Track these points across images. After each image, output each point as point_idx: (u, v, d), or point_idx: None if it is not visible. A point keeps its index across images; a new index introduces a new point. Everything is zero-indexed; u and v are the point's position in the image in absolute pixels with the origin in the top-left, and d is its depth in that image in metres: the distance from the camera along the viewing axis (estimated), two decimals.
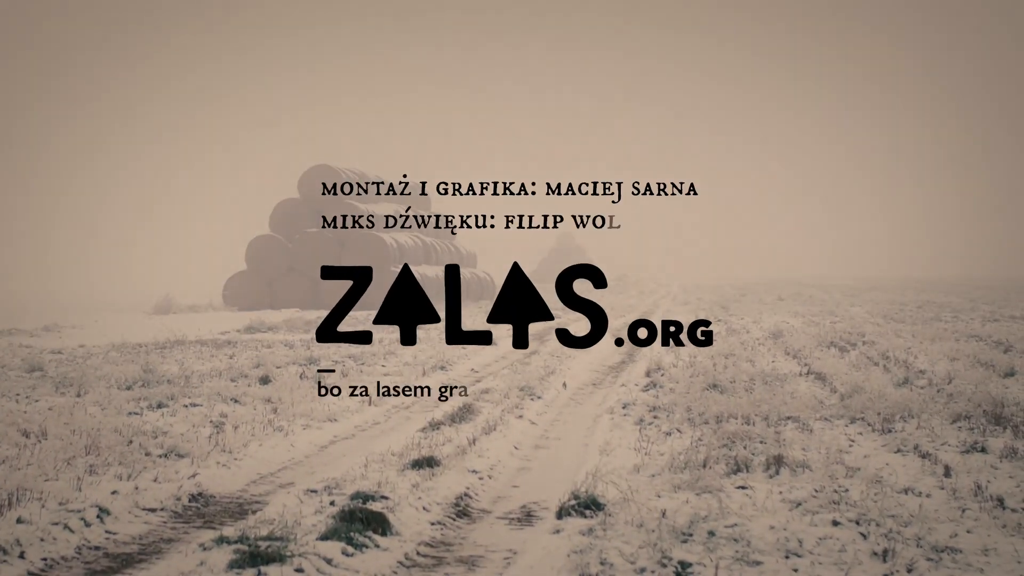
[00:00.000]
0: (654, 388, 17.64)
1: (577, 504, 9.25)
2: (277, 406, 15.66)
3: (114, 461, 11.51)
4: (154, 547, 8.97)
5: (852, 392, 15.92)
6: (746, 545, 8.06)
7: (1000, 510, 9.14)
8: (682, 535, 8.29)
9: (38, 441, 12.52)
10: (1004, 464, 11.12)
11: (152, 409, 15.47)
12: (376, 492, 9.83)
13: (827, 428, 13.57)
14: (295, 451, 13.14)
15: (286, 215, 55.00)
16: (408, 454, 11.81)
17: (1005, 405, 14.41)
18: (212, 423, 14.22)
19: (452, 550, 8.80)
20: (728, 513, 8.90)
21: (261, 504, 10.39)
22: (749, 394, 15.98)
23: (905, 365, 20.30)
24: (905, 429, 13.28)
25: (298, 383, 18.11)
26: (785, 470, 10.65)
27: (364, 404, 16.54)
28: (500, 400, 16.38)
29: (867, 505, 9.16)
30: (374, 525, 8.81)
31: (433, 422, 14.21)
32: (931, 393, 16.01)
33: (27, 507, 9.43)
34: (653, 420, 14.37)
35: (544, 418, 15.61)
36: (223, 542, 8.25)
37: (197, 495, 10.64)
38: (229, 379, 18.93)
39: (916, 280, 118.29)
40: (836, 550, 7.97)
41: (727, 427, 13.12)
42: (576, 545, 8.18)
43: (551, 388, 18.35)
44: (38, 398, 16.64)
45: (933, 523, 8.67)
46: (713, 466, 10.84)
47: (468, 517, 9.90)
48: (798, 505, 9.25)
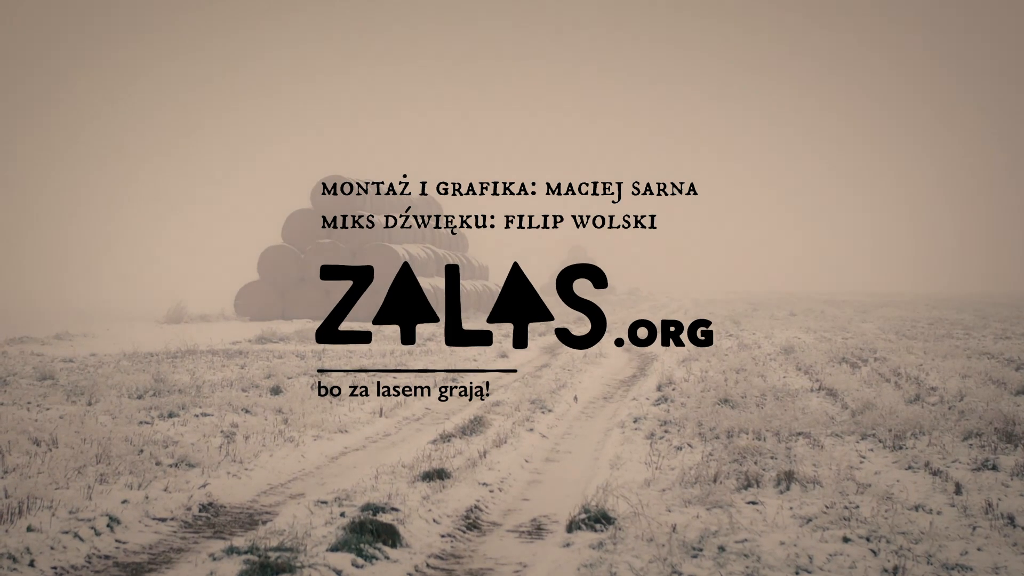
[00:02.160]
0: (665, 402, 17.62)
1: (587, 518, 9.25)
2: (288, 416, 15.68)
3: (124, 470, 11.53)
4: (164, 557, 8.99)
5: (863, 408, 15.89)
6: (756, 561, 8.06)
7: (1011, 528, 9.12)
8: (692, 550, 8.29)
9: (49, 449, 12.55)
10: (1015, 482, 11.09)
11: (163, 418, 15.50)
12: (386, 504, 9.83)
13: (838, 444, 13.55)
14: (306, 462, 13.16)
15: (298, 226, 55.16)
16: (419, 466, 11.82)
17: (1016, 423, 14.37)
18: (223, 433, 14.24)
19: (462, 563, 8.80)
20: (738, 528, 8.89)
21: (271, 515, 10.40)
22: (760, 409, 15.97)
23: (916, 382, 20.25)
24: (916, 446, 13.25)
25: (309, 394, 18.13)
26: (796, 486, 10.64)
27: (375, 416, 16.55)
28: (511, 413, 16.38)
29: (878, 522, 9.14)
30: (384, 537, 8.82)
31: (444, 434, 14.21)
32: (942, 410, 15.97)
33: (37, 515, 9.46)
34: (664, 434, 14.35)
35: (555, 431, 15.60)
36: (233, 552, 8.27)
37: (207, 505, 10.65)
38: (240, 389, 18.96)
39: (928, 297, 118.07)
40: (846, 567, 7.96)
41: (738, 442, 13.11)
42: (586, 559, 8.18)
43: (562, 401, 18.34)
44: (49, 406, 16.68)
45: (944, 540, 8.65)
46: (724, 481, 10.83)
47: (478, 530, 9.90)
48: (809, 521, 9.24)
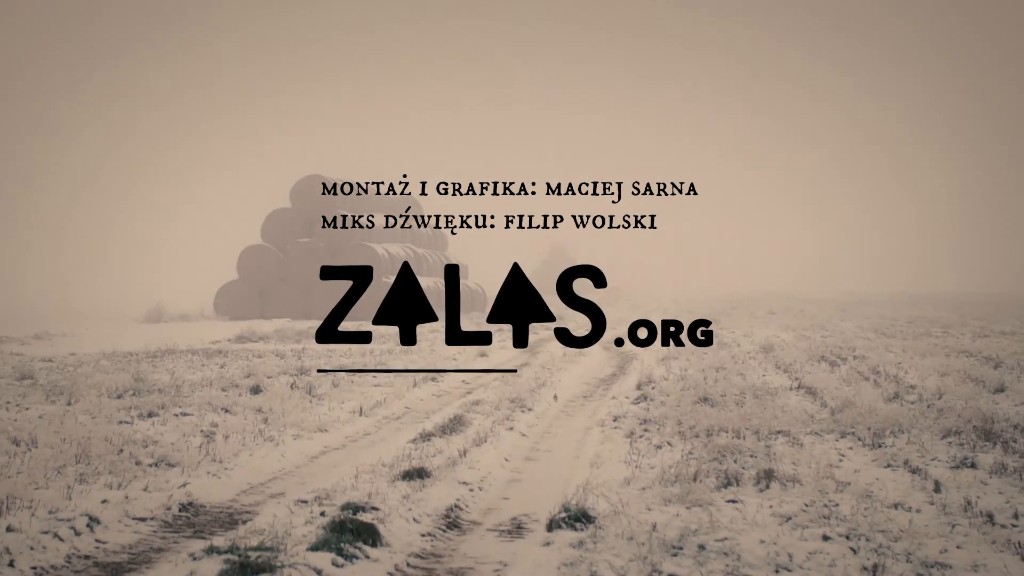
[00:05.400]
0: (645, 401, 17.65)
1: (567, 517, 9.25)
2: (268, 416, 15.65)
3: (104, 470, 11.49)
4: (144, 557, 8.96)
5: (842, 407, 15.94)
6: (736, 559, 8.08)
7: (990, 526, 9.16)
8: (672, 549, 8.30)
9: (28, 449, 12.50)
10: (994, 480, 11.14)
11: (143, 418, 15.45)
12: (366, 503, 9.82)
13: (817, 442, 13.59)
14: (285, 461, 13.13)
15: (278, 225, 55.10)
16: (399, 465, 11.81)
17: (995, 421, 14.44)
18: (203, 433, 14.20)
19: (442, 562, 8.80)
20: (718, 527, 8.91)
21: (251, 514, 10.38)
22: (740, 408, 16.00)
23: (895, 380, 20.33)
24: (895, 444, 13.30)
25: (289, 393, 18.11)
26: (775, 484, 10.66)
27: (355, 415, 16.53)
28: (491, 412, 16.38)
29: (857, 520, 9.18)
30: (364, 536, 8.81)
31: (424, 433, 14.20)
32: (921, 408, 16.04)
33: (17, 515, 9.42)
34: (644, 433, 14.37)
35: (535, 430, 15.61)
36: (213, 552, 8.25)
37: (187, 505, 10.62)
38: (220, 388, 18.91)
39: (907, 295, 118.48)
40: (826, 565, 7.98)
41: (718, 441, 13.14)
42: (566, 558, 8.18)
43: (542, 400, 18.35)
44: (28, 406, 16.61)
45: (923, 538, 8.68)
46: (703, 480, 10.85)
47: (458, 529, 9.90)
48: (788, 519, 9.27)
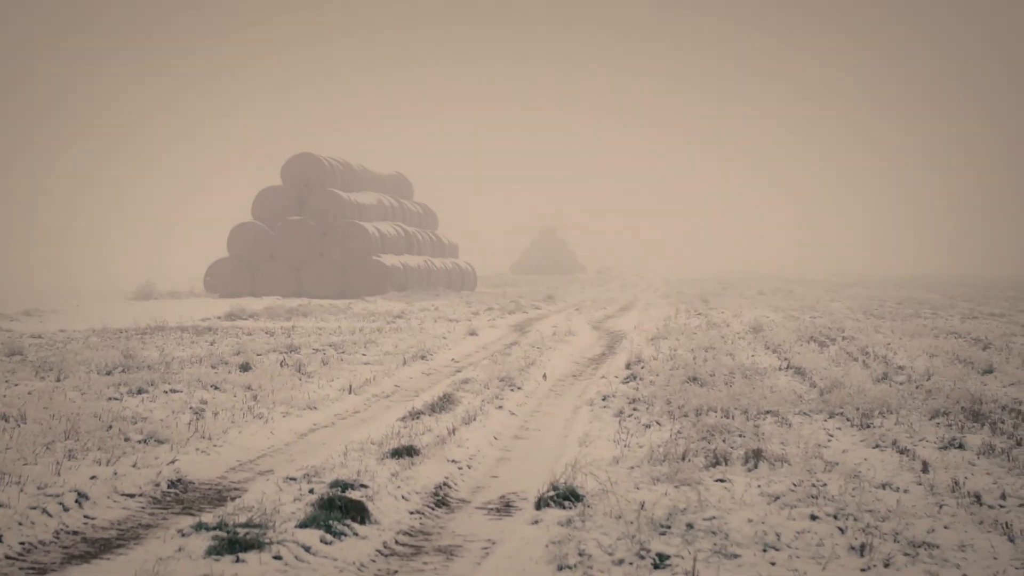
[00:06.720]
0: (634, 380, 17.66)
1: (556, 495, 9.26)
2: (257, 393, 15.64)
3: (93, 446, 11.48)
4: (132, 532, 8.96)
5: (831, 387, 15.97)
6: (724, 538, 8.09)
7: (977, 506, 9.18)
8: (660, 527, 8.31)
9: (17, 425, 12.47)
10: (981, 460, 11.17)
11: (132, 395, 15.42)
12: (355, 480, 9.82)
13: (806, 423, 13.62)
14: (275, 438, 13.13)
15: (269, 203, 54.95)
16: (388, 443, 11.81)
17: (983, 402, 14.48)
18: (192, 409, 14.18)
19: (431, 539, 8.81)
20: (707, 506, 8.92)
21: (240, 491, 10.38)
22: (728, 388, 16.02)
23: (884, 361, 20.37)
24: (883, 424, 13.33)
25: (278, 370, 18.09)
26: (764, 464, 10.68)
27: (344, 392, 16.53)
28: (480, 390, 16.38)
29: (845, 500, 9.19)
30: (353, 513, 8.81)
31: (413, 411, 14.20)
32: (910, 389, 16.07)
33: (5, 491, 9.40)
34: (633, 412, 14.38)
35: (524, 409, 15.62)
36: (201, 528, 8.24)
37: (176, 481, 10.62)
38: (209, 366, 18.89)
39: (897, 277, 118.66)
40: (814, 544, 8.00)
41: (706, 420, 13.15)
42: (554, 536, 8.19)
43: (531, 379, 18.36)
44: (17, 382, 16.58)
45: (911, 518, 8.70)
46: (692, 459, 10.86)
47: (447, 507, 9.91)
48: (776, 499, 9.28)
